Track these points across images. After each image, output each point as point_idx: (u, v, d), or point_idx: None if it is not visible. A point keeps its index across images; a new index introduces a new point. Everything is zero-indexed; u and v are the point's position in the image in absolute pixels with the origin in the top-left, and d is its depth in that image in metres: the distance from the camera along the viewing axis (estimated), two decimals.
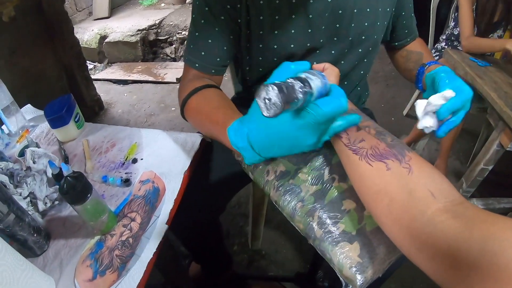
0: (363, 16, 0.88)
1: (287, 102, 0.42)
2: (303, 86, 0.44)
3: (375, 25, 0.91)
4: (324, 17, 0.85)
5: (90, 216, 0.69)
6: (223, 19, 0.84)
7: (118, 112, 3.00)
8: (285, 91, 0.42)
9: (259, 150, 0.61)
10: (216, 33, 0.86)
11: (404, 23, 1.00)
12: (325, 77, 0.51)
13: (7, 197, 0.66)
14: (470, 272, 0.38)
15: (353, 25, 0.88)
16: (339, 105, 0.51)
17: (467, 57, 1.67)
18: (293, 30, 0.86)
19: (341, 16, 0.86)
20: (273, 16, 0.84)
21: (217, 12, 0.83)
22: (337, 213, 0.65)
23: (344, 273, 0.59)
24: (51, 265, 0.71)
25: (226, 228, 1.83)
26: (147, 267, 0.69)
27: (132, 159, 0.93)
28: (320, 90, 0.48)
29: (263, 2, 0.83)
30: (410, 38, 1.05)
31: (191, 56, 0.89)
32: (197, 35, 0.87)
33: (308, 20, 0.85)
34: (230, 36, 0.88)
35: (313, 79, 0.48)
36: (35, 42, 2.25)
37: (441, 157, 2.01)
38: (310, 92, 0.45)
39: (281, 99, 0.41)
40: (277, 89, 0.41)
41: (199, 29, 0.86)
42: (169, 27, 3.93)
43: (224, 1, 0.82)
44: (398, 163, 0.53)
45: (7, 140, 1.07)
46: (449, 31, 2.07)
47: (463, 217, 0.43)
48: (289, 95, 0.42)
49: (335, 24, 0.87)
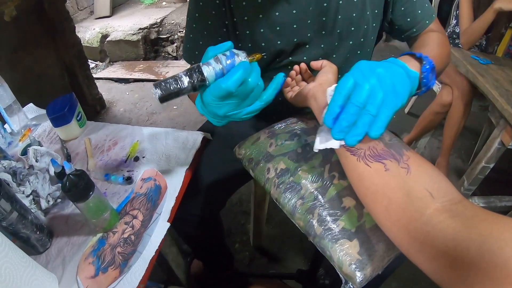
0: (350, 6, 0.85)
1: (171, 93, 0.55)
2: (188, 77, 0.55)
3: (364, 14, 0.87)
4: (308, 11, 0.85)
5: (92, 213, 0.70)
6: (210, 23, 0.90)
7: (120, 111, 3.01)
8: (163, 87, 0.55)
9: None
10: (205, 36, 0.92)
11: (402, 10, 0.89)
12: (234, 56, 0.57)
13: (10, 195, 0.66)
14: (469, 271, 0.38)
15: (340, 17, 0.86)
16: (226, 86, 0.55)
17: (469, 55, 1.67)
18: (279, 27, 0.86)
19: (326, 9, 0.85)
20: (257, 15, 0.85)
21: (205, 17, 0.89)
22: (337, 210, 0.65)
23: (343, 270, 0.60)
24: (53, 262, 0.72)
25: (227, 226, 1.83)
26: (149, 264, 0.69)
27: (134, 157, 0.94)
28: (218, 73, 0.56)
29: (246, 3, 0.84)
30: (417, 28, 0.91)
31: (187, 54, 0.98)
32: (191, 37, 0.94)
33: (293, 15, 0.85)
34: (219, 38, 0.92)
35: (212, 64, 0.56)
36: (36, 41, 2.25)
37: (443, 155, 2.00)
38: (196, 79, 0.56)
39: (159, 94, 0.55)
40: (154, 87, 0.55)
41: (192, 31, 0.94)
42: (171, 26, 3.93)
43: (210, 6, 0.87)
44: (397, 163, 0.53)
45: (9, 139, 1.07)
46: (450, 29, 2.07)
47: (461, 216, 0.43)
48: (169, 89, 0.55)
49: (321, 17, 0.86)
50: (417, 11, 0.89)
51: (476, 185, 1.67)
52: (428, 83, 0.67)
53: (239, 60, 0.57)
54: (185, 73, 0.56)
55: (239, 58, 0.57)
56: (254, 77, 0.57)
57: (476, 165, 1.60)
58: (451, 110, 1.83)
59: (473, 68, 1.52)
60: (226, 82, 0.55)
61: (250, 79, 0.57)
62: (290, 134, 0.82)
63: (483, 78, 1.44)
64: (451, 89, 1.82)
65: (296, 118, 0.88)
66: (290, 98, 0.83)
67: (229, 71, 0.56)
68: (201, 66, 0.56)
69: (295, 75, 0.85)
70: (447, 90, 1.84)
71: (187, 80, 0.56)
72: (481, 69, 1.52)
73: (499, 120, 1.47)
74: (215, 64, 0.56)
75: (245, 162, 0.84)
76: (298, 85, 0.85)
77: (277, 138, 0.81)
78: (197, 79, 0.56)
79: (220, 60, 0.56)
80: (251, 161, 0.82)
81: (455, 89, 1.78)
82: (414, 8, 0.89)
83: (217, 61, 0.56)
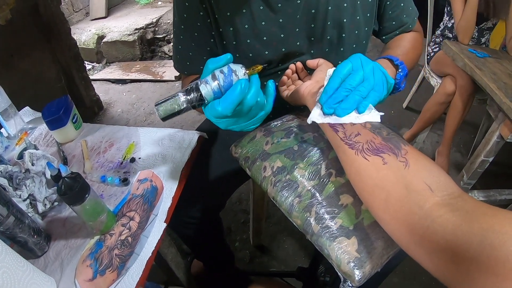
0: (340, 12, 0.83)
1: (172, 113, 0.58)
2: (187, 96, 0.57)
3: (354, 19, 0.85)
4: (296, 19, 0.83)
5: (89, 216, 0.70)
6: (196, 35, 0.89)
7: (118, 112, 3.00)
8: (163, 108, 0.57)
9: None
10: (194, 47, 0.91)
11: (390, 13, 0.91)
12: (232, 74, 0.57)
13: (7, 200, 0.66)
14: (470, 266, 0.38)
15: (329, 23, 0.84)
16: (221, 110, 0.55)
17: (466, 48, 1.66)
18: (265, 37, 0.85)
19: (314, 15, 0.83)
20: (242, 25, 0.84)
21: (191, 28, 0.88)
22: (334, 208, 0.65)
23: (342, 268, 0.60)
24: (52, 265, 0.72)
25: (227, 225, 1.83)
26: (146, 265, 0.69)
27: (130, 159, 0.94)
28: (216, 92, 0.57)
29: (230, 13, 0.83)
30: (400, 31, 0.95)
31: (178, 65, 0.98)
32: (180, 48, 0.93)
33: (279, 24, 0.83)
34: (208, 48, 0.91)
35: (209, 82, 0.57)
36: (32, 44, 2.24)
37: (444, 144, 1.98)
38: (195, 99, 0.57)
39: (161, 114, 0.58)
40: (156, 108, 0.58)
41: (180, 42, 0.93)
42: (167, 25, 3.92)
43: (195, 18, 0.86)
44: (395, 157, 0.53)
45: (6, 143, 1.07)
46: (444, 24, 2.07)
47: (462, 210, 0.43)
48: (168, 109, 0.58)
49: (310, 25, 0.85)
50: (402, 15, 0.92)
51: (476, 179, 1.67)
52: (399, 88, 0.76)
53: (237, 79, 0.57)
54: (184, 92, 0.57)
55: (237, 77, 0.57)
56: (252, 96, 0.57)
57: (475, 158, 1.60)
58: (455, 99, 1.83)
59: (470, 62, 1.51)
60: (222, 105, 0.55)
61: (248, 98, 0.56)
62: (286, 131, 0.81)
63: (481, 72, 1.44)
64: (455, 78, 1.81)
65: (292, 116, 0.88)
66: (286, 97, 0.83)
67: (227, 89, 0.56)
68: (199, 85, 0.57)
69: (291, 73, 0.84)
70: (450, 80, 1.84)
71: (186, 100, 0.57)
72: (478, 62, 1.52)
73: (498, 113, 1.47)
74: (211, 82, 0.57)
75: (241, 161, 0.83)
76: (294, 83, 0.85)
77: (273, 136, 0.81)
78: (195, 99, 0.57)
79: (217, 77, 0.57)
80: (247, 159, 0.81)
81: (459, 78, 1.78)
82: (400, 12, 0.91)
83: (214, 79, 0.57)
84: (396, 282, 1.50)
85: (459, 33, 1.80)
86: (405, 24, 0.94)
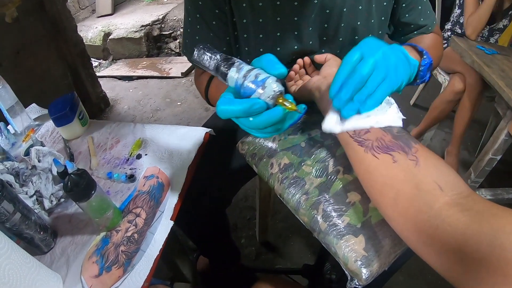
0: (354, 14, 0.82)
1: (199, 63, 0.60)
2: (218, 64, 0.58)
3: (369, 23, 0.84)
4: (310, 18, 0.82)
5: (95, 212, 0.70)
6: (215, 23, 0.85)
7: (124, 108, 3.01)
8: (200, 55, 0.60)
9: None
10: (211, 37, 0.87)
11: (407, 16, 0.89)
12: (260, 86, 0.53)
13: (13, 196, 0.66)
14: (480, 267, 0.37)
15: (343, 25, 0.83)
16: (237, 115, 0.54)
17: (474, 45, 1.64)
18: (279, 33, 0.84)
19: (329, 16, 0.82)
20: (256, 19, 0.82)
21: (208, 18, 0.84)
22: (342, 205, 0.64)
23: (349, 266, 0.59)
24: (58, 262, 0.72)
25: (233, 221, 1.83)
26: (153, 263, 0.69)
27: (136, 155, 0.93)
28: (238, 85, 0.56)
29: (246, 4, 0.80)
30: (418, 32, 0.92)
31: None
32: (197, 39, 0.89)
33: (294, 22, 0.82)
34: (227, 37, 0.88)
35: (241, 72, 0.55)
36: (38, 42, 2.25)
37: (453, 143, 1.96)
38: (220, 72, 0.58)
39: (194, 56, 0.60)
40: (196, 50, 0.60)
41: (197, 33, 0.88)
42: (173, 22, 3.92)
43: (212, 6, 0.82)
44: (405, 155, 0.52)
45: (13, 140, 1.07)
46: (453, 19, 2.04)
47: (472, 210, 0.42)
48: (202, 59, 0.59)
49: (323, 24, 0.84)
50: (420, 19, 0.90)
51: (483, 177, 1.65)
52: (424, 76, 0.71)
53: (259, 94, 0.53)
54: (221, 59, 0.58)
55: (261, 92, 0.53)
56: (277, 130, 0.56)
57: (483, 157, 1.58)
58: (464, 98, 1.80)
59: (478, 58, 1.49)
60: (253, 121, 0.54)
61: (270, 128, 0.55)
62: (294, 128, 0.81)
63: (489, 69, 1.42)
64: (463, 76, 1.79)
65: None
66: (294, 92, 0.82)
67: (245, 92, 0.55)
68: (232, 65, 0.56)
69: (298, 68, 0.83)
70: (459, 78, 1.81)
71: (215, 67, 0.58)
72: (487, 59, 1.50)
73: (506, 111, 1.45)
74: (241, 74, 0.55)
75: (248, 158, 0.83)
76: (302, 79, 0.84)
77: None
78: (221, 72, 0.57)
79: (249, 77, 0.54)
80: (254, 156, 0.81)
81: (468, 76, 1.75)
82: (418, 16, 0.89)
83: (245, 75, 0.55)
84: (401, 280, 1.49)
85: (469, 26, 1.78)
86: (424, 26, 0.91)
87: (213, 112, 1.32)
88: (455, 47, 1.67)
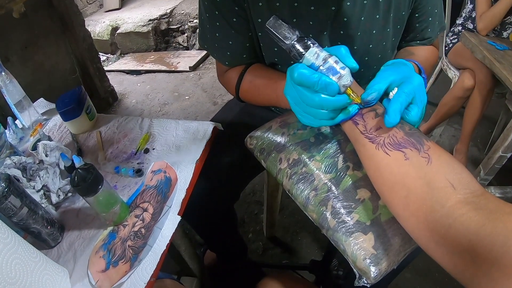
0: (370, 23, 0.82)
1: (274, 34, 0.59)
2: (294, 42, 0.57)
3: (384, 31, 0.84)
4: (326, 24, 0.81)
5: (102, 207, 0.69)
6: (235, 21, 0.84)
7: (132, 103, 3.01)
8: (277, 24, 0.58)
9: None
10: (233, 34, 0.86)
11: (417, 26, 0.90)
12: (335, 73, 0.55)
13: (20, 191, 0.66)
14: (492, 267, 0.36)
15: (359, 34, 0.83)
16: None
17: (485, 40, 1.61)
18: None
19: (346, 24, 0.81)
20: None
21: (227, 15, 0.83)
22: (351, 202, 0.63)
23: (357, 264, 0.58)
24: (65, 256, 0.72)
25: (241, 216, 1.83)
26: (160, 258, 0.68)
27: (144, 149, 0.93)
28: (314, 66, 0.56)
29: (262, 3, 0.79)
30: (420, 43, 0.95)
31: (219, 54, 0.93)
32: (218, 36, 0.88)
33: (309, 26, 0.81)
34: (249, 33, 0.87)
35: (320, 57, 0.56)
36: (46, 36, 2.26)
37: (462, 141, 1.93)
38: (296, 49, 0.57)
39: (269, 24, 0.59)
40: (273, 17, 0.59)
41: (217, 30, 0.87)
42: (181, 16, 3.91)
43: (231, 3, 0.81)
44: (417, 152, 0.51)
45: (21, 134, 1.07)
46: (466, 14, 1.99)
47: (485, 209, 0.41)
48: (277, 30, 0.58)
49: (339, 31, 0.83)
50: (427, 30, 0.92)
51: (493, 175, 1.63)
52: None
53: (334, 80, 0.55)
54: (299, 36, 0.57)
55: (335, 79, 0.55)
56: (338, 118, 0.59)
57: (492, 154, 1.55)
58: (473, 94, 1.77)
59: (490, 54, 1.46)
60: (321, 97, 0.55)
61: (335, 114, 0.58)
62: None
63: (500, 65, 1.39)
64: (473, 72, 1.75)
65: None
66: None
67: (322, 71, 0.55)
68: (311, 47, 0.56)
69: None
70: (469, 74, 1.77)
71: (290, 43, 0.57)
72: (498, 55, 1.47)
73: None
74: (321, 58, 0.55)
75: (256, 153, 0.82)
76: None
77: (289, 127, 0.79)
78: (296, 50, 0.57)
79: (327, 62, 0.55)
80: (262, 151, 0.80)
81: (478, 72, 1.71)
82: (426, 27, 0.91)
83: (324, 59, 0.55)
84: (408, 278, 1.48)
85: (481, 22, 1.74)
86: (427, 38, 0.93)
87: (221, 106, 1.31)
88: (465, 43, 1.64)
